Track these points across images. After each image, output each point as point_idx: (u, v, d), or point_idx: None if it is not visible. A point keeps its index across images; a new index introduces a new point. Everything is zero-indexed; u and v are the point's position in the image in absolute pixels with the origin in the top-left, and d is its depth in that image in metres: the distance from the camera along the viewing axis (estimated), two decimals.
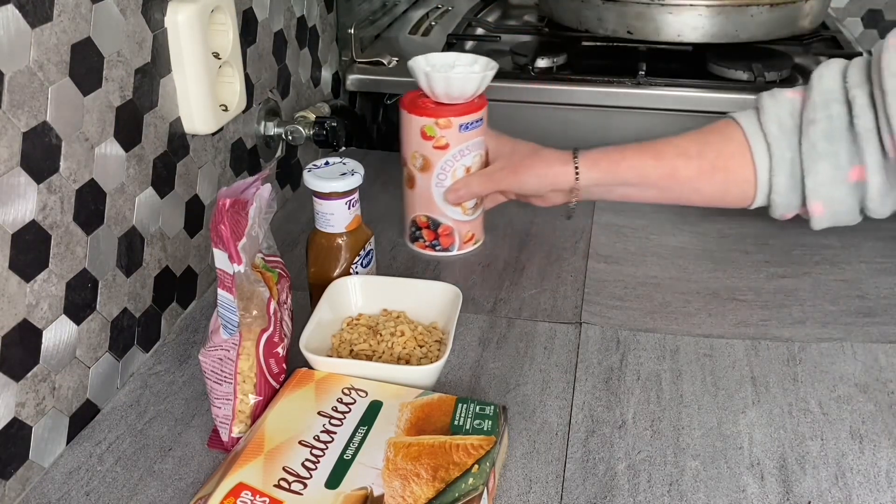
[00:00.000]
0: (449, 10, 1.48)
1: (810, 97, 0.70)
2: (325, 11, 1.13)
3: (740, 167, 0.72)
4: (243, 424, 0.61)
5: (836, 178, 0.67)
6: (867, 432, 0.65)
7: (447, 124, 0.82)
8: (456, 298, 0.71)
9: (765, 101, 0.73)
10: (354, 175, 0.72)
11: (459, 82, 0.82)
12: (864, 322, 0.77)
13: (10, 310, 0.57)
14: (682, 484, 0.60)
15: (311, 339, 0.66)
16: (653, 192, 0.76)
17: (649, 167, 0.74)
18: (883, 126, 0.64)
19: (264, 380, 0.61)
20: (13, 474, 0.59)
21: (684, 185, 0.74)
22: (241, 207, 0.58)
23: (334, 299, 0.72)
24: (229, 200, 0.58)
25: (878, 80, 0.65)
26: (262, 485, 0.52)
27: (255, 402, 0.61)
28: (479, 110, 0.84)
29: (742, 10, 1.11)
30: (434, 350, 0.69)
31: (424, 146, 0.83)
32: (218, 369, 0.60)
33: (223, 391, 0.61)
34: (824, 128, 0.68)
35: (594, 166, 0.77)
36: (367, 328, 0.70)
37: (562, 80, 1.14)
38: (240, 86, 0.82)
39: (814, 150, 0.68)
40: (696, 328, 0.77)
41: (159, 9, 0.71)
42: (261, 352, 0.61)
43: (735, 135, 0.73)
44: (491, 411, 0.59)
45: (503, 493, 0.59)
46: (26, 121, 0.56)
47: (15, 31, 0.54)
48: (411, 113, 0.83)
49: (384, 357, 0.68)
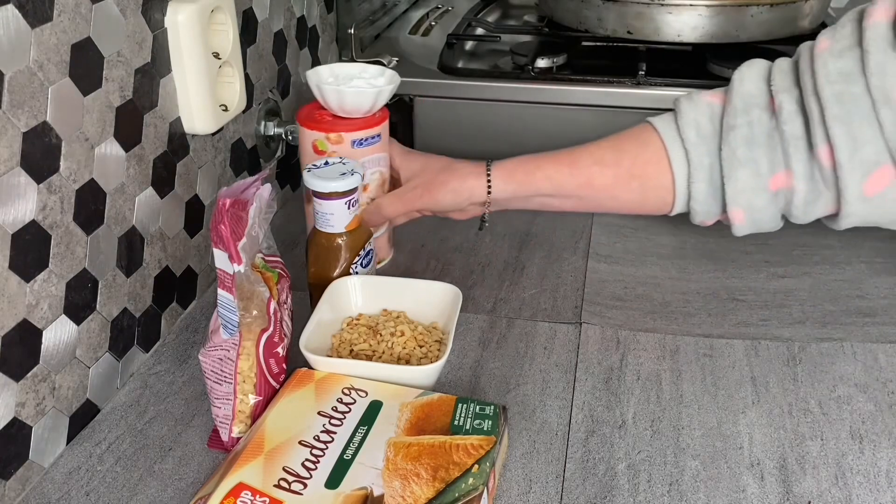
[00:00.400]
0: (449, 10, 1.48)
1: (731, 101, 0.67)
2: (325, 11, 1.13)
3: (657, 174, 0.70)
4: (243, 424, 0.61)
5: (757, 186, 0.65)
6: (867, 432, 0.65)
7: (339, 139, 0.79)
8: (456, 298, 0.71)
9: (682, 105, 0.70)
10: (354, 175, 0.72)
11: (353, 96, 0.78)
12: (864, 322, 0.78)
13: (10, 310, 0.57)
14: (682, 484, 0.60)
15: (311, 339, 0.66)
16: (571, 201, 0.73)
17: (565, 177, 0.72)
18: (818, 134, 0.62)
19: (264, 380, 0.61)
20: (13, 474, 0.59)
21: (601, 193, 0.72)
22: (241, 207, 0.58)
23: (334, 299, 0.72)
24: (229, 200, 0.58)
25: (811, 86, 0.63)
26: (261, 485, 0.52)
27: (255, 402, 0.61)
28: (376, 126, 0.80)
29: (742, 10, 1.11)
30: (434, 350, 0.69)
31: (317, 161, 0.80)
32: (218, 369, 0.60)
33: (223, 391, 0.61)
34: (745, 134, 0.65)
35: (509, 178, 0.74)
36: (368, 328, 0.70)
37: (562, 80, 1.14)
38: (240, 86, 0.82)
39: (734, 157, 0.65)
40: (696, 328, 0.77)
41: (159, 9, 0.71)
42: (261, 352, 0.61)
43: (652, 140, 0.70)
44: (491, 411, 0.59)
45: (503, 493, 0.59)
46: (26, 121, 0.56)
47: (15, 31, 0.54)
48: (303, 126, 0.80)
49: (384, 357, 0.68)
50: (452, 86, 1.16)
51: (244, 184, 0.61)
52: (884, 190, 0.62)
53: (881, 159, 0.61)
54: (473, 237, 0.92)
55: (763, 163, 0.64)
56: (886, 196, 0.62)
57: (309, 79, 0.79)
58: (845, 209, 0.63)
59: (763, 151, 0.64)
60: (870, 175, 0.62)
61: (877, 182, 0.62)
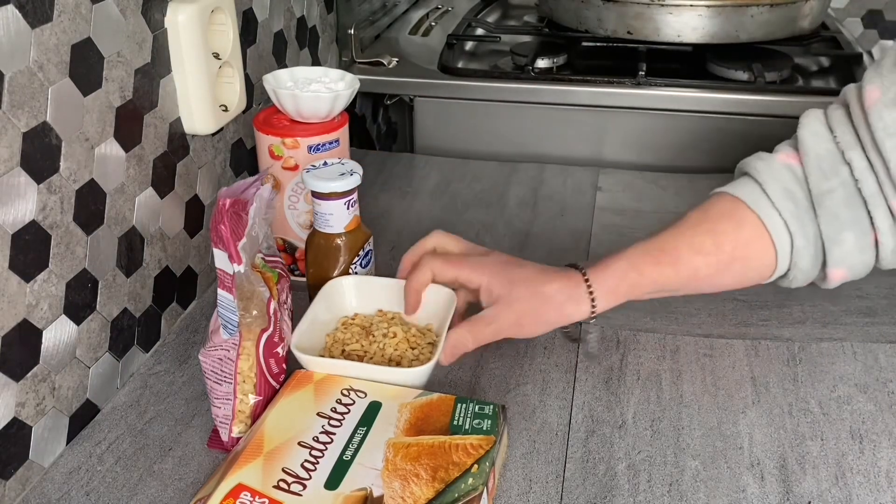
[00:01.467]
0: (449, 10, 1.48)
1: (811, 162, 0.64)
2: (325, 12, 1.13)
3: (760, 253, 0.66)
4: (243, 424, 0.61)
5: (863, 245, 0.63)
6: (867, 432, 0.65)
7: (294, 144, 0.78)
8: (450, 301, 0.70)
9: (762, 173, 0.65)
10: (353, 175, 0.72)
11: (309, 101, 0.77)
12: (864, 322, 0.77)
13: (9, 310, 0.57)
14: (682, 484, 0.60)
15: (304, 339, 0.66)
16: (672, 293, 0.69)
17: (670, 277, 0.67)
18: (890, 191, 0.61)
19: (264, 380, 0.61)
20: (13, 474, 0.59)
21: (704, 282, 0.68)
22: (241, 207, 0.58)
23: (330, 299, 0.72)
24: (229, 200, 0.58)
25: (869, 141, 0.61)
26: (261, 486, 0.52)
27: (255, 402, 0.61)
28: (334, 131, 0.79)
29: (742, 10, 1.11)
30: (426, 352, 0.68)
31: (273, 166, 0.79)
32: (218, 369, 0.60)
33: (223, 391, 0.61)
34: (842, 196, 0.63)
35: (612, 295, 0.67)
36: (361, 328, 0.70)
37: (562, 81, 1.14)
38: (240, 86, 0.82)
39: (836, 221, 0.63)
40: (696, 328, 0.77)
41: (159, 9, 0.71)
42: (261, 352, 0.61)
43: (747, 218, 0.66)
44: (490, 411, 0.59)
45: (503, 494, 0.59)
46: (26, 121, 0.56)
47: (15, 32, 0.54)
48: (259, 130, 0.79)
49: (375, 358, 0.68)
50: (452, 86, 1.16)
51: (244, 184, 0.61)
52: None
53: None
54: (475, 237, 0.92)
55: (864, 220, 0.63)
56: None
57: (266, 83, 0.78)
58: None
59: (862, 209, 0.62)
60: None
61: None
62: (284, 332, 0.64)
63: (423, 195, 1.03)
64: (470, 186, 1.05)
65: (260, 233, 0.61)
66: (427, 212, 0.98)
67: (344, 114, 0.81)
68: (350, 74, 0.82)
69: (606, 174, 1.07)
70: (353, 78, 0.81)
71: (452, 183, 1.06)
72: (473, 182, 1.06)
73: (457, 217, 0.97)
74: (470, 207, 0.99)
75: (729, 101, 1.09)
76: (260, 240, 0.61)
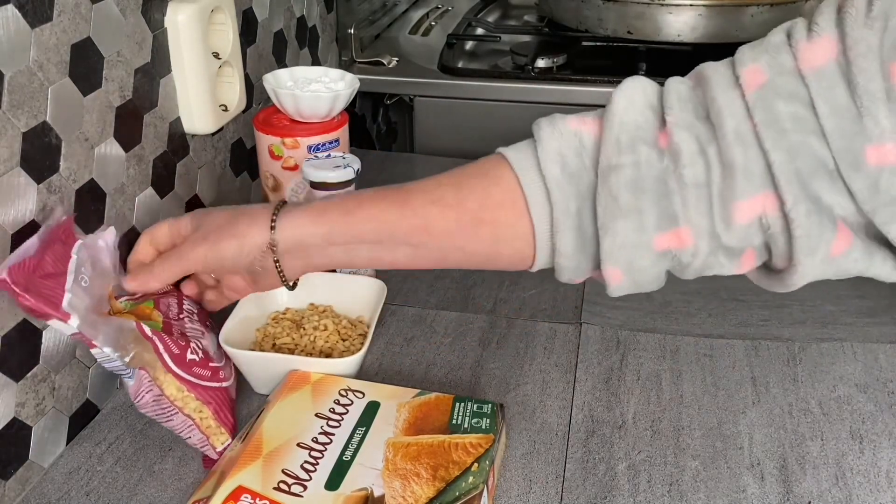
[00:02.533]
0: (449, 10, 1.48)
1: (610, 131, 0.51)
2: (324, 11, 1.13)
3: (513, 220, 0.54)
4: (222, 434, 0.60)
5: (640, 242, 0.50)
6: (867, 432, 0.65)
7: (294, 144, 0.78)
8: (381, 293, 0.72)
9: (543, 132, 0.54)
10: (347, 168, 0.72)
11: (309, 101, 0.77)
12: (864, 322, 0.77)
13: (9, 310, 0.57)
14: (682, 484, 0.60)
15: (233, 334, 0.66)
16: (404, 250, 0.57)
17: (394, 218, 0.56)
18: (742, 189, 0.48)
19: (202, 388, 0.60)
20: (13, 474, 0.59)
21: (442, 240, 0.56)
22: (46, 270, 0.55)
23: (259, 295, 0.71)
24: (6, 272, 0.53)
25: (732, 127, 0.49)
26: (261, 488, 0.52)
27: (214, 411, 0.60)
28: (334, 131, 0.79)
29: (742, 10, 1.11)
30: (357, 344, 0.69)
31: (273, 166, 0.80)
32: (158, 410, 0.59)
33: (179, 423, 0.59)
34: (630, 176, 0.50)
35: (319, 218, 0.58)
36: (292, 322, 0.71)
37: (562, 80, 1.14)
38: (240, 86, 0.82)
39: (615, 204, 0.50)
40: (696, 328, 0.77)
41: (159, 9, 0.71)
42: (175, 370, 0.59)
43: (504, 177, 0.55)
44: (488, 409, 0.59)
45: (503, 494, 0.59)
46: (26, 121, 0.56)
47: (15, 31, 0.54)
48: (259, 130, 0.79)
49: (306, 350, 0.69)
50: (452, 86, 1.16)
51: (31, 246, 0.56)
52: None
53: None
54: None
55: (650, 215, 0.50)
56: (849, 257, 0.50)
57: (266, 83, 0.79)
58: (802, 270, 0.49)
59: (652, 201, 0.50)
60: None
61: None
62: (193, 337, 0.62)
63: None
64: None
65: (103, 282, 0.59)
66: None
67: (344, 113, 0.81)
68: (350, 74, 0.82)
69: None
70: (352, 78, 0.81)
71: None
72: None
73: None
74: None
75: None
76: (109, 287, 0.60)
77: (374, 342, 0.74)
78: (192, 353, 0.61)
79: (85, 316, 0.55)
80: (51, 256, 0.56)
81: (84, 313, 0.55)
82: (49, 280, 0.55)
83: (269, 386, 0.67)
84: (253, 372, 0.67)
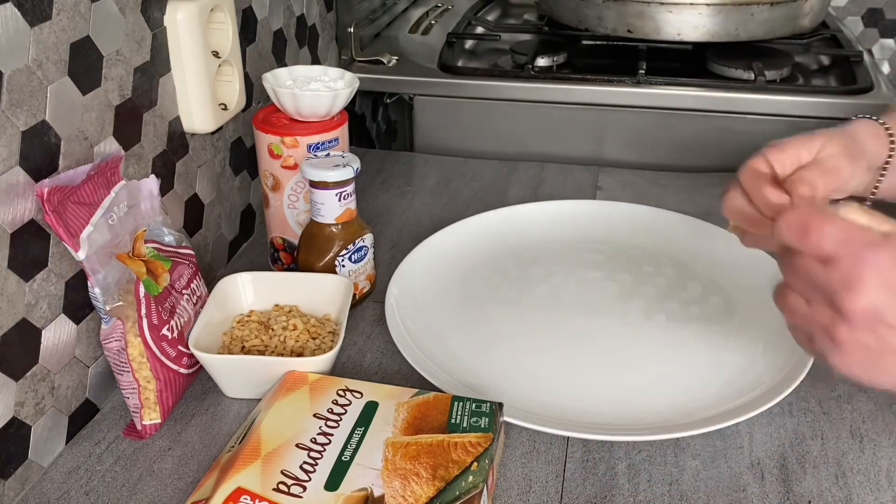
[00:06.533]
0: (449, 8, 1.48)
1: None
2: (324, 10, 1.13)
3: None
4: (154, 412, 0.63)
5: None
6: (867, 431, 0.65)
7: (294, 143, 0.77)
8: (347, 289, 0.72)
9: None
10: (346, 167, 0.72)
11: (308, 100, 0.77)
12: None
13: (9, 309, 0.57)
14: (682, 484, 0.60)
15: (201, 339, 0.66)
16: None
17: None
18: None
19: (160, 364, 0.62)
20: (12, 474, 0.59)
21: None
22: (81, 198, 0.58)
23: (222, 298, 0.72)
24: (47, 190, 0.56)
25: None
26: (260, 489, 0.52)
27: (159, 388, 0.62)
28: (334, 130, 0.79)
29: (742, 8, 1.11)
30: (328, 341, 0.70)
31: (273, 165, 0.79)
32: (117, 361, 0.62)
33: (126, 381, 0.62)
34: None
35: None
36: (259, 324, 0.71)
37: (562, 79, 1.14)
38: (239, 85, 0.82)
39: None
40: None
41: (158, 7, 0.71)
42: (147, 336, 0.62)
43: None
44: (487, 408, 0.59)
45: (503, 494, 0.59)
46: (25, 120, 0.56)
47: (14, 30, 0.54)
48: (258, 129, 0.79)
49: (277, 351, 0.69)
50: (452, 85, 1.16)
51: (78, 173, 0.59)
52: None
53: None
54: None
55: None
56: None
57: (265, 81, 0.78)
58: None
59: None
60: None
61: None
62: (180, 316, 0.65)
63: (423, 194, 1.03)
64: (470, 185, 1.05)
65: (134, 224, 0.62)
66: (427, 210, 0.98)
67: (343, 112, 0.81)
68: (349, 73, 0.82)
69: (606, 173, 1.07)
70: (352, 76, 0.81)
71: (452, 182, 1.06)
72: (473, 181, 1.06)
73: (457, 216, 0.97)
74: (470, 206, 0.99)
75: (729, 100, 1.08)
76: (141, 230, 0.63)
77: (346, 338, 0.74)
78: (169, 330, 0.64)
79: (97, 251, 0.59)
80: (91, 187, 0.59)
81: (97, 249, 0.59)
82: (81, 208, 0.58)
83: (242, 390, 0.67)
84: (225, 375, 0.67)
